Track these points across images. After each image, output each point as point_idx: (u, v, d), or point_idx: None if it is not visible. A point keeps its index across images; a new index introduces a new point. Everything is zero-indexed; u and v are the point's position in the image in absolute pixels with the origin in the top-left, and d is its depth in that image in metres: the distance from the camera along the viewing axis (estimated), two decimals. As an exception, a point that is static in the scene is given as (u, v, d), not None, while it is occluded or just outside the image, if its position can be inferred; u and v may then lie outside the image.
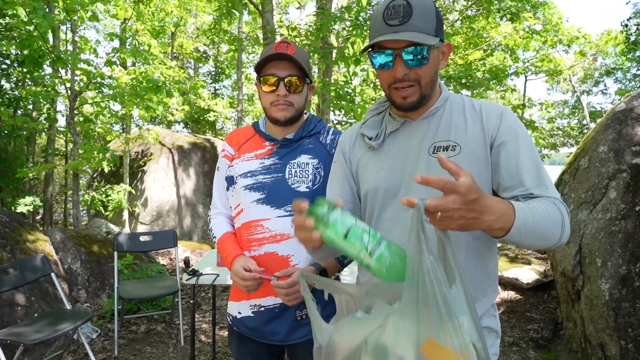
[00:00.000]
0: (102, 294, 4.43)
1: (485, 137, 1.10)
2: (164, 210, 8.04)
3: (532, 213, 0.92)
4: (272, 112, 1.47)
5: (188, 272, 2.85)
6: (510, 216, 0.88)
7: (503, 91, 12.83)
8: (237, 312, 1.54)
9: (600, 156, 3.08)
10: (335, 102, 5.40)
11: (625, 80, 16.54)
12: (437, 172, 1.07)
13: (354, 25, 5.45)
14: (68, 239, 4.49)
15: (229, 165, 1.56)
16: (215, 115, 12.53)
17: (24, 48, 5.62)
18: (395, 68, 1.07)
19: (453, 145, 1.11)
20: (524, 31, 9.02)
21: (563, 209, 1.00)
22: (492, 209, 0.84)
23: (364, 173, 1.23)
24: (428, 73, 1.09)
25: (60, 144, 10.61)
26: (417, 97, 1.10)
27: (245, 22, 12.63)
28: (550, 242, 0.98)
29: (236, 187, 1.53)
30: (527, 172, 1.05)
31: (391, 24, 1.05)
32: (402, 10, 1.04)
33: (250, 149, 1.55)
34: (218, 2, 6.05)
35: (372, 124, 1.25)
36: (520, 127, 1.12)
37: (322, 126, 1.59)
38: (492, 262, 1.17)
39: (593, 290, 2.81)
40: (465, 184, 0.78)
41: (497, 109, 1.14)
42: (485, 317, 1.15)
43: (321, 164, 1.50)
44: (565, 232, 0.99)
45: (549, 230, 0.96)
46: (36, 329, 2.82)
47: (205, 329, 4.01)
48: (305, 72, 1.45)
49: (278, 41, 1.45)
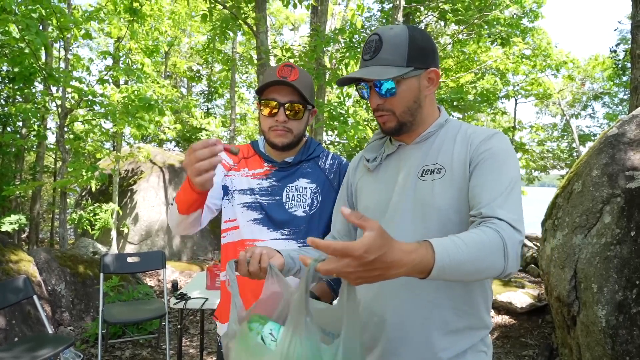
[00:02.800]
0: (86, 317, 4.29)
1: (467, 158, 1.09)
2: (153, 230, 7.91)
3: (459, 250, 0.85)
4: (270, 136, 1.45)
5: (176, 296, 2.77)
6: (429, 261, 0.82)
7: (494, 114, 12.99)
8: None
9: (594, 180, 3.08)
10: (328, 123, 5.40)
11: (612, 105, 16.86)
12: (422, 194, 1.10)
13: (347, 46, 5.49)
14: (53, 260, 4.37)
15: (225, 174, 1.52)
16: (207, 134, 12.52)
17: (15, 65, 5.58)
18: (371, 99, 1.15)
19: (439, 168, 1.12)
20: (514, 55, 9.18)
21: (508, 236, 0.91)
22: (401, 263, 0.79)
23: (361, 193, 1.27)
24: (402, 103, 1.12)
25: (49, 162, 10.48)
26: (394, 124, 1.15)
27: (239, 42, 12.74)
28: (490, 273, 0.91)
29: (232, 202, 1.49)
30: (487, 191, 1.00)
31: (365, 58, 1.12)
32: (374, 46, 1.10)
33: (249, 166, 1.52)
34: (212, 23, 6.08)
35: (373, 147, 1.29)
36: (502, 151, 1.06)
37: (321, 150, 1.57)
38: (476, 290, 1.11)
39: (589, 317, 2.77)
40: (363, 246, 0.73)
41: (486, 133, 1.11)
42: (470, 353, 1.09)
43: (319, 188, 1.47)
44: (510, 261, 0.90)
45: (484, 264, 0.88)
46: (15, 354, 2.70)
47: (193, 354, 3.89)
48: (306, 98, 1.42)
49: (282, 64, 1.42)
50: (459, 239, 0.87)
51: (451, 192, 1.08)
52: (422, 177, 1.12)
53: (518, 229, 0.94)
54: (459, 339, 1.08)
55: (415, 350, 1.09)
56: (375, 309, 1.14)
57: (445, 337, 1.07)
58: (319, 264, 0.77)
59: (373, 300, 1.14)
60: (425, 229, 1.09)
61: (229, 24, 5.71)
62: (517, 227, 0.94)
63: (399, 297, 1.10)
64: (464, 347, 1.08)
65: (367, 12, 11.21)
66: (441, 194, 1.08)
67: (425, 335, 1.08)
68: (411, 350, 1.09)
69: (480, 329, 1.11)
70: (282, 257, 1.13)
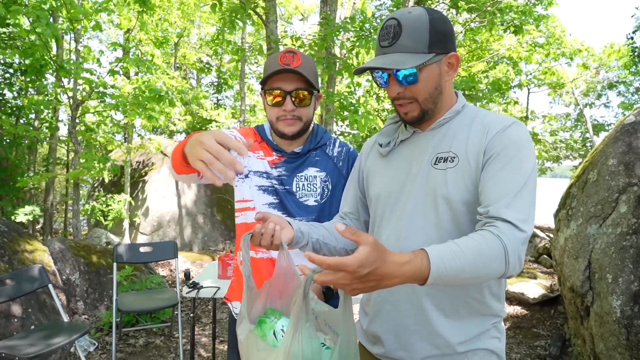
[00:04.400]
0: (100, 306, 4.35)
1: (481, 149, 1.05)
2: (165, 221, 7.98)
3: (456, 258, 0.85)
4: (279, 126, 1.41)
5: (188, 285, 2.79)
6: (424, 271, 0.83)
7: (506, 103, 12.82)
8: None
9: (609, 169, 3.02)
10: (339, 113, 5.37)
11: (628, 94, 16.53)
12: (435, 183, 1.08)
13: (358, 36, 5.44)
14: (67, 249, 4.42)
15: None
16: (217, 126, 12.54)
17: (27, 57, 5.61)
18: (390, 87, 1.10)
19: (452, 156, 1.08)
20: (527, 44, 9.03)
21: (510, 241, 0.90)
22: (394, 274, 0.81)
23: (372, 178, 1.25)
24: (424, 90, 1.08)
25: (62, 153, 10.58)
26: (417, 112, 1.11)
27: (248, 33, 12.69)
28: (489, 278, 0.92)
29: (249, 183, 1.45)
30: (496, 188, 0.98)
31: (382, 45, 1.06)
32: (392, 31, 1.04)
33: (262, 150, 1.50)
34: (221, 12, 6.05)
35: (387, 131, 1.26)
36: (518, 143, 1.03)
37: (329, 138, 1.55)
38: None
39: (603, 307, 2.73)
40: (356, 261, 0.76)
41: (503, 123, 1.07)
42: (483, 337, 1.10)
43: (329, 176, 1.46)
44: (511, 265, 0.90)
45: (483, 271, 0.89)
46: (32, 342, 2.74)
47: (205, 343, 3.93)
48: (312, 84, 1.39)
49: (283, 50, 1.39)
50: (456, 247, 0.88)
51: (463, 182, 1.05)
52: (435, 165, 1.09)
53: (523, 229, 0.93)
54: (468, 326, 1.09)
55: (427, 338, 1.09)
56: (388, 297, 1.14)
57: (456, 324, 1.08)
58: (316, 275, 0.81)
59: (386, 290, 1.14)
60: (436, 218, 1.07)
61: (238, 13, 5.68)
62: (521, 228, 0.93)
63: (410, 286, 1.09)
64: (475, 332, 1.09)
65: (377, 0, 11.09)
66: (453, 183, 1.06)
67: (436, 323, 1.08)
68: (423, 338, 1.09)
69: (490, 315, 1.11)
70: (293, 230, 1.16)
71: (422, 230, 1.09)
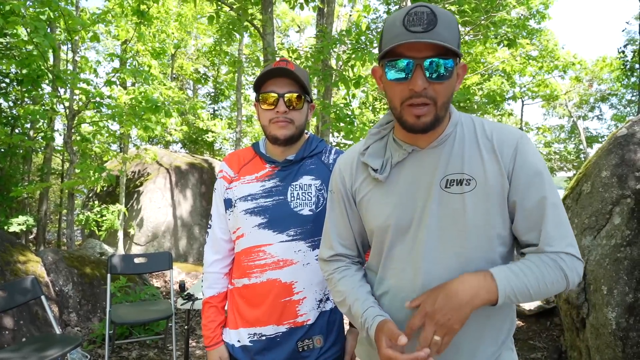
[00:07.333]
0: (93, 318, 4.31)
1: (502, 170, 1.00)
2: (160, 231, 7.94)
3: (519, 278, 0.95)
4: (272, 129, 1.40)
5: (183, 297, 2.77)
6: (492, 290, 0.94)
7: (500, 115, 12.93)
8: (237, 340, 1.47)
9: (603, 181, 3.05)
10: (335, 124, 5.40)
11: (620, 106, 16.75)
12: (450, 208, 1.02)
13: (354, 48, 5.49)
14: (60, 260, 4.39)
15: (227, 187, 1.49)
16: (213, 136, 12.55)
17: (24, 67, 5.62)
18: (415, 80, 0.93)
19: (467, 179, 1.00)
20: (521, 57, 9.14)
21: (567, 265, 0.97)
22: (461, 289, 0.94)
23: (371, 208, 1.12)
24: (445, 92, 0.96)
25: (57, 163, 10.56)
26: (431, 117, 0.96)
27: (245, 44, 12.78)
28: (553, 294, 0.99)
29: (235, 211, 1.45)
30: (548, 226, 0.99)
31: (414, 30, 0.91)
32: (427, 18, 0.91)
33: (250, 171, 1.48)
34: (219, 24, 6.10)
35: (374, 151, 1.11)
36: (539, 162, 1.02)
37: (324, 146, 1.54)
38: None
39: (599, 319, 2.74)
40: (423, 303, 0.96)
41: (511, 139, 1.03)
42: (504, 350, 1.09)
43: (324, 185, 1.44)
44: (570, 282, 0.98)
45: (546, 290, 0.97)
46: (23, 354, 2.70)
47: (199, 355, 3.89)
48: (305, 88, 1.40)
49: (277, 60, 1.41)
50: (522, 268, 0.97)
51: (486, 206, 1.00)
52: (447, 189, 1.01)
53: (576, 256, 0.99)
54: (492, 337, 1.08)
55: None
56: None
57: (486, 342, 1.07)
58: (423, 351, 0.92)
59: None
60: (456, 247, 1.02)
61: (236, 25, 5.73)
62: (576, 255, 0.99)
63: None
64: (497, 344, 1.08)
65: (373, 13, 11.21)
66: (475, 208, 1.00)
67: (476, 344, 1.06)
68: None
69: (509, 324, 1.11)
70: (391, 321, 1.05)
71: (441, 260, 1.03)
